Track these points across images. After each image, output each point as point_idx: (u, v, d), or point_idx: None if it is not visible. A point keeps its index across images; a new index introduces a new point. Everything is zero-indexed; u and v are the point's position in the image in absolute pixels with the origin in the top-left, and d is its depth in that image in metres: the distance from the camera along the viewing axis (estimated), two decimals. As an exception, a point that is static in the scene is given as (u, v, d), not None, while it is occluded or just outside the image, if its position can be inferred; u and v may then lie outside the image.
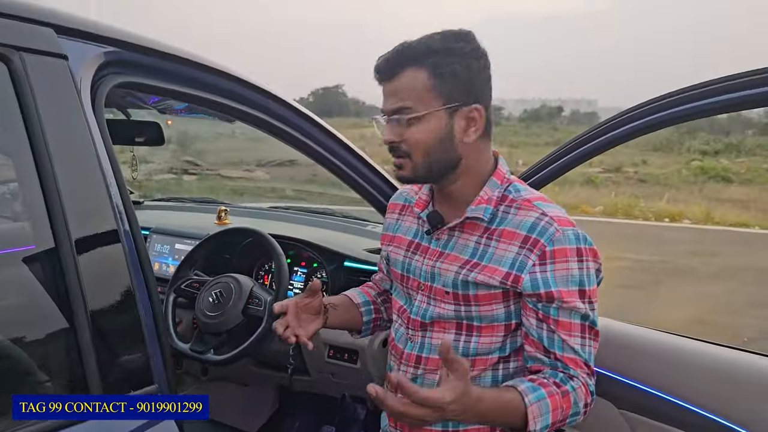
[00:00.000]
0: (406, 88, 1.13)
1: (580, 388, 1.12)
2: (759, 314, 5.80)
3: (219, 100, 1.34)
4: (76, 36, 1.02)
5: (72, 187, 0.93)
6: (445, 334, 1.23)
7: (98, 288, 0.94)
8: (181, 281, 1.87)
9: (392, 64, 1.14)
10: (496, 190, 1.20)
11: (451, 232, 1.23)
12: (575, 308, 1.12)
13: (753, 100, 1.25)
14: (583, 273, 1.13)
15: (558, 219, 1.14)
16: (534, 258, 1.12)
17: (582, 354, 1.14)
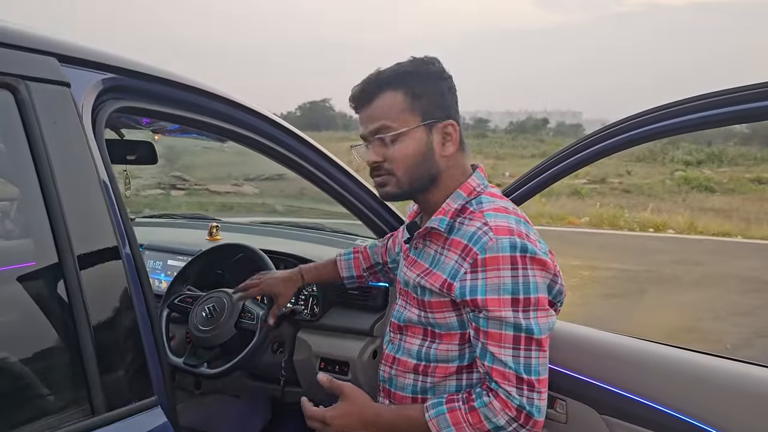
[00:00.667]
0: (383, 109, 1.22)
1: (492, 403, 1.12)
2: (741, 322, 5.89)
3: (212, 121, 1.39)
4: (78, 64, 1.07)
5: (75, 206, 0.98)
6: (414, 338, 1.31)
7: (100, 302, 0.98)
8: (175, 296, 1.90)
9: (368, 90, 1.23)
10: (458, 202, 1.25)
11: (423, 242, 1.31)
12: (503, 318, 1.12)
13: (733, 117, 1.30)
14: (517, 282, 1.12)
15: (496, 228, 1.15)
16: (466, 266, 1.16)
17: (513, 366, 1.12)
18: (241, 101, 1.44)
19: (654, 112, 1.41)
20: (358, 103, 1.24)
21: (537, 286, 1.14)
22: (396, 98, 1.21)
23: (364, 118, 1.24)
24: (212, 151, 15.76)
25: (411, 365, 1.30)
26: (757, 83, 1.24)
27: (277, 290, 1.68)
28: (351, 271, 1.71)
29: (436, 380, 1.27)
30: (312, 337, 1.92)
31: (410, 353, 1.31)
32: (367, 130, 1.24)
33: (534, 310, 1.13)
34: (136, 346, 1.03)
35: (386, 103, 1.21)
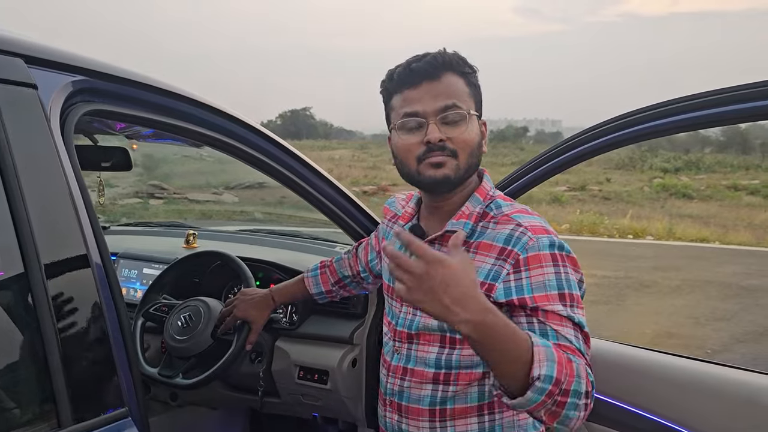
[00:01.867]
0: (450, 88, 1.18)
1: (583, 365, 0.99)
2: (721, 327, 5.96)
3: (186, 126, 1.36)
4: (46, 65, 1.04)
5: (41, 213, 0.95)
6: (430, 346, 1.23)
7: (68, 312, 0.95)
8: (150, 305, 1.86)
9: (435, 66, 1.17)
10: (478, 206, 1.22)
11: (431, 245, 1.23)
12: (556, 311, 1.06)
13: (710, 120, 1.32)
14: (561, 277, 1.10)
15: (532, 228, 1.14)
16: (508, 267, 1.12)
17: (577, 345, 1.04)
18: (216, 105, 1.42)
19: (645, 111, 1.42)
20: (422, 76, 1.17)
21: (576, 283, 1.13)
22: (460, 82, 1.19)
23: (426, 94, 1.17)
24: (191, 159, 15.65)
25: (429, 375, 1.23)
26: (736, 86, 1.25)
27: (251, 316, 1.66)
28: (319, 287, 1.68)
29: (458, 388, 1.21)
30: (291, 346, 1.89)
31: (427, 362, 1.23)
32: (432, 105, 1.16)
33: (577, 306, 1.10)
34: (105, 356, 1.00)
35: (452, 83, 1.18)
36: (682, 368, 1.53)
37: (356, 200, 1.79)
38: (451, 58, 1.19)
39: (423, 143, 1.17)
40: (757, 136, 35.24)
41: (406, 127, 1.19)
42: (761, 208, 15.94)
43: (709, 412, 1.42)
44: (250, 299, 1.67)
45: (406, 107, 1.19)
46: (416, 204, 1.36)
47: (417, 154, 1.18)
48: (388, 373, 1.32)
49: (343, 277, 1.66)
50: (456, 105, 1.17)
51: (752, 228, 13.10)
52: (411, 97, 1.18)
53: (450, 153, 1.17)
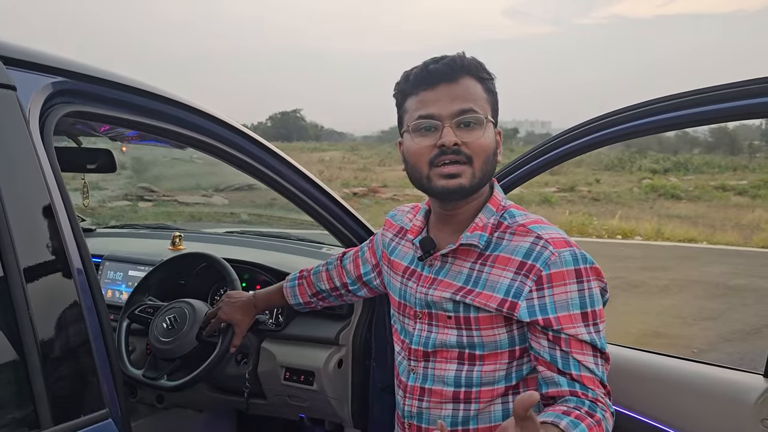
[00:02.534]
0: (468, 92, 1.14)
1: (607, 412, 1.06)
2: (708, 326, 6.01)
3: (169, 127, 1.35)
4: (25, 67, 1.03)
5: (20, 216, 0.94)
6: (448, 364, 1.19)
7: (47, 315, 0.95)
8: (135, 306, 1.86)
9: (454, 68, 1.14)
10: (492, 217, 1.18)
11: (444, 258, 1.20)
12: (578, 335, 1.07)
13: (698, 119, 1.33)
14: (584, 295, 1.09)
15: (553, 241, 1.11)
16: (530, 284, 1.09)
17: (597, 373, 1.08)
18: (199, 107, 1.42)
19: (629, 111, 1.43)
20: (440, 77, 1.13)
21: (598, 297, 1.12)
22: (478, 86, 1.15)
23: (443, 96, 1.13)
24: (181, 162, 15.58)
25: (449, 394, 1.19)
26: (725, 84, 1.27)
27: (235, 319, 1.65)
28: (297, 298, 1.64)
29: (481, 406, 1.18)
30: (276, 347, 1.89)
31: (445, 381, 1.19)
32: (448, 108, 1.12)
33: (599, 323, 1.10)
34: (86, 357, 0.99)
35: (470, 87, 1.14)
36: (669, 367, 1.54)
37: (342, 202, 1.79)
38: (470, 62, 1.15)
39: (436, 146, 1.12)
40: (746, 137, 35.55)
41: (420, 129, 1.15)
42: (749, 208, 16.08)
43: (695, 411, 1.43)
44: (235, 302, 1.66)
45: (422, 109, 1.14)
46: (424, 216, 1.30)
47: (429, 157, 1.14)
48: (405, 394, 1.27)
49: (320, 291, 1.62)
50: (473, 109, 1.13)
51: (740, 228, 13.21)
52: (427, 98, 1.14)
53: (465, 159, 1.12)
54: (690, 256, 9.84)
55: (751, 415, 1.31)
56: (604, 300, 1.17)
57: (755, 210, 15.46)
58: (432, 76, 1.14)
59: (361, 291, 1.57)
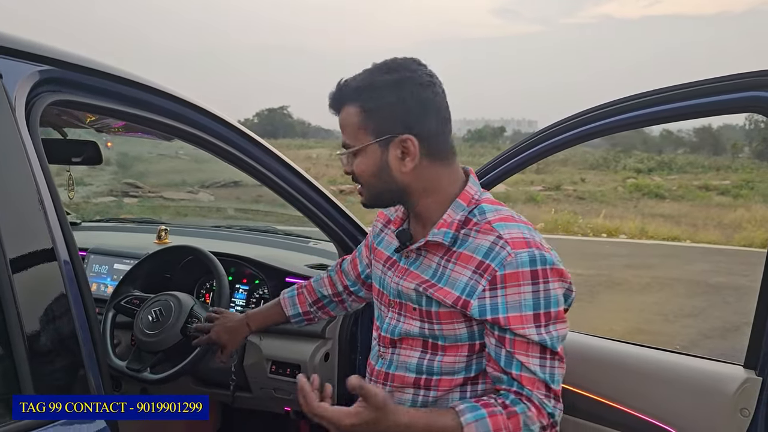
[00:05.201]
0: (345, 124, 1.20)
1: (531, 410, 1.09)
2: (689, 323, 6.08)
3: (156, 118, 1.35)
4: (10, 54, 1.03)
5: (6, 206, 0.94)
6: (413, 351, 1.24)
7: (34, 306, 0.94)
8: (121, 297, 1.85)
9: (335, 101, 1.21)
10: (460, 213, 1.19)
11: (418, 251, 1.24)
12: (527, 336, 1.09)
13: (680, 113, 1.35)
14: (539, 296, 1.10)
15: (512, 242, 1.11)
16: (484, 283, 1.11)
17: (541, 375, 1.10)
18: (187, 98, 1.41)
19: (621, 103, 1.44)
20: (333, 110, 1.23)
21: (557, 298, 1.12)
22: (351, 114, 1.17)
23: (340, 126, 1.22)
24: (167, 158, 15.48)
25: (410, 380, 1.23)
26: (701, 80, 1.29)
27: (223, 341, 1.61)
28: (296, 308, 1.60)
29: (439, 393, 1.21)
30: (262, 340, 1.89)
31: (408, 367, 1.24)
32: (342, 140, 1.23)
33: (554, 323, 1.11)
34: (72, 350, 0.99)
35: (346, 117, 1.19)
36: (649, 358, 1.55)
37: (331, 197, 1.79)
38: (348, 89, 1.18)
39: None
40: (729, 138, 35.90)
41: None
42: (731, 207, 16.27)
43: (675, 401, 1.45)
44: (225, 323, 1.62)
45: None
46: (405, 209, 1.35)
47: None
48: (371, 378, 1.31)
49: (321, 297, 1.59)
50: (346, 144, 1.21)
51: (722, 227, 13.37)
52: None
53: (359, 183, 1.23)
54: (673, 255, 9.95)
55: (730, 404, 1.33)
56: (568, 301, 1.19)
57: (737, 209, 15.65)
58: (331, 108, 1.23)
59: (361, 291, 1.56)
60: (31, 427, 0.91)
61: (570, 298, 1.20)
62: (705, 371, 1.44)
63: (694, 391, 1.42)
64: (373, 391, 1.06)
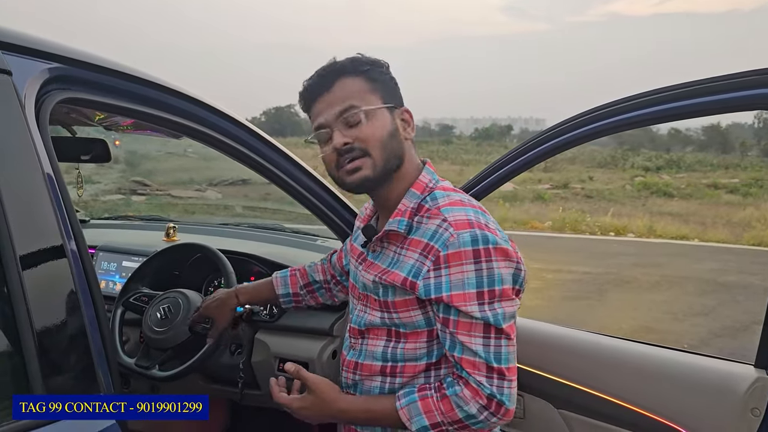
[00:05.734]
0: (347, 92, 1.21)
1: (464, 391, 1.13)
2: (698, 322, 6.05)
3: (165, 116, 1.35)
4: (21, 52, 1.03)
5: (16, 203, 0.94)
6: (378, 340, 1.28)
7: (44, 303, 0.94)
8: (130, 294, 1.86)
9: (327, 77, 1.22)
10: (413, 201, 1.24)
11: (381, 244, 1.28)
12: (470, 313, 1.12)
13: (683, 112, 1.34)
14: (481, 275, 1.12)
15: (455, 223, 1.14)
16: (429, 264, 1.15)
17: (483, 355, 1.12)
18: (195, 96, 1.41)
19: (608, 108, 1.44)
20: (316, 92, 1.23)
21: (502, 276, 1.14)
22: (355, 83, 1.22)
23: (324, 106, 1.22)
24: (174, 156, 15.53)
25: (377, 368, 1.27)
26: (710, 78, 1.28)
27: (212, 314, 1.66)
28: (287, 288, 1.65)
29: (405, 380, 1.25)
30: (270, 338, 1.89)
31: (374, 356, 1.28)
32: (330, 114, 1.20)
33: (499, 301, 1.13)
34: (82, 346, 0.99)
35: (346, 87, 1.21)
36: (660, 358, 1.55)
37: (338, 194, 1.79)
38: (343, 63, 1.23)
39: (333, 151, 1.22)
40: (738, 136, 35.71)
41: (320, 140, 1.25)
42: (740, 206, 16.18)
43: (684, 401, 1.44)
44: (214, 298, 1.66)
45: (315, 122, 1.25)
46: (374, 204, 1.40)
47: (334, 162, 1.23)
48: (343, 367, 1.37)
49: (312, 281, 1.65)
50: (352, 106, 1.20)
51: (731, 226, 13.30)
52: (316, 111, 1.24)
53: (360, 153, 1.20)
54: (681, 253, 9.90)
55: (741, 404, 1.32)
56: (519, 281, 1.20)
57: (746, 208, 15.56)
58: (311, 92, 1.24)
59: (346, 283, 1.60)
60: (32, 427, 0.91)
61: (520, 278, 1.21)
62: (715, 370, 1.43)
63: (704, 391, 1.41)
64: (306, 375, 1.26)
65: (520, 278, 1.20)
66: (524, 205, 15.89)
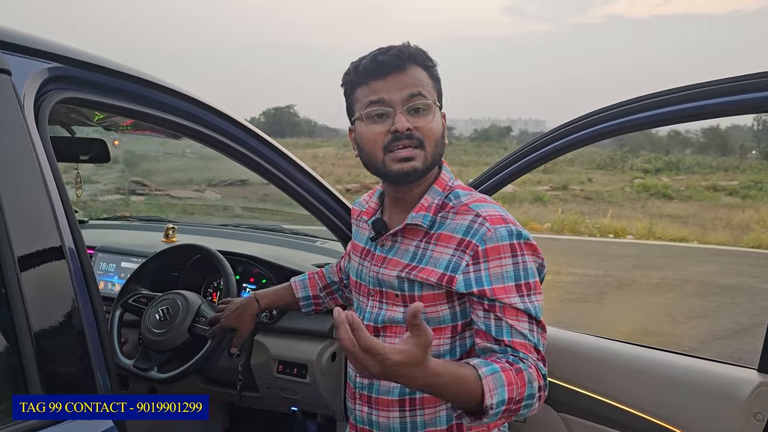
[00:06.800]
0: (416, 79, 1.20)
1: (532, 368, 1.08)
2: (698, 324, 6.04)
3: (164, 116, 1.34)
4: (20, 51, 1.02)
5: (15, 203, 0.93)
6: (397, 338, 1.25)
7: (42, 304, 0.93)
8: (129, 296, 1.85)
9: (402, 58, 1.19)
10: (437, 198, 1.24)
11: (394, 238, 1.27)
12: (513, 305, 1.12)
13: (685, 115, 1.33)
14: (518, 268, 1.14)
15: (490, 218, 1.16)
16: (467, 258, 1.15)
17: (531, 339, 1.12)
18: (195, 96, 1.41)
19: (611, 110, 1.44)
20: (388, 68, 1.18)
21: (533, 270, 1.15)
22: (424, 74, 1.22)
23: (393, 84, 1.18)
24: (173, 156, 15.50)
25: None
26: (714, 80, 1.28)
27: (235, 324, 1.64)
28: (306, 291, 1.66)
29: None
30: (270, 340, 1.89)
31: None
32: (399, 95, 1.18)
33: (535, 294, 1.14)
34: (80, 348, 0.98)
35: (417, 74, 1.20)
36: (663, 362, 1.54)
37: (338, 195, 1.78)
38: (416, 51, 1.21)
39: (389, 132, 1.18)
40: (737, 138, 35.77)
41: (373, 116, 1.20)
42: (739, 208, 16.20)
43: (687, 405, 1.44)
44: (237, 308, 1.64)
45: (372, 96, 1.20)
46: (379, 198, 1.38)
47: (383, 143, 1.19)
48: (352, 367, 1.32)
49: (331, 283, 1.66)
50: (422, 94, 1.19)
51: (730, 228, 13.31)
52: (378, 87, 1.19)
53: (417, 143, 1.19)
54: (681, 255, 9.89)
55: (744, 409, 1.32)
56: (541, 276, 1.20)
57: (745, 210, 15.58)
58: (382, 67, 1.19)
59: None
60: (32, 428, 0.90)
61: (542, 273, 1.22)
62: (718, 375, 1.43)
63: (707, 395, 1.40)
64: (425, 326, 0.91)
65: (542, 273, 1.22)
66: (523, 206, 15.90)
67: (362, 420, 1.32)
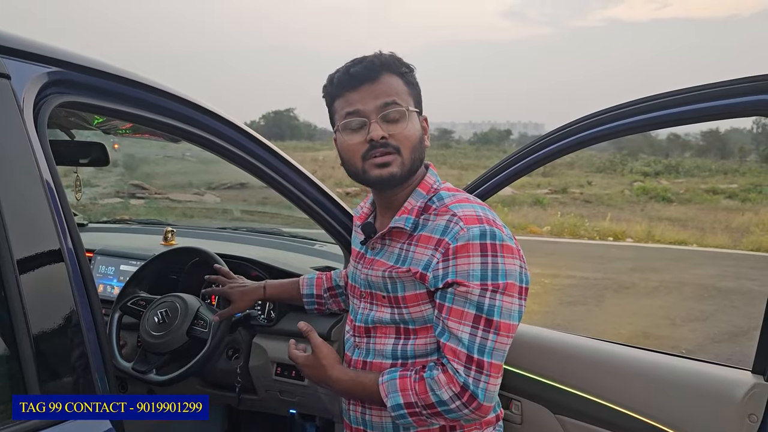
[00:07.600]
0: (389, 88, 1.23)
1: (440, 376, 1.15)
2: (696, 327, 6.04)
3: (164, 120, 1.34)
4: (19, 56, 1.03)
5: (14, 206, 0.94)
6: (386, 338, 1.29)
7: (40, 307, 0.94)
8: (128, 299, 1.85)
9: (373, 68, 1.23)
10: (420, 200, 1.27)
11: (382, 241, 1.31)
12: (468, 294, 1.14)
13: (683, 118, 1.34)
14: (487, 267, 1.14)
15: (465, 218, 1.18)
16: (439, 256, 1.18)
17: (467, 344, 1.14)
18: (194, 100, 1.41)
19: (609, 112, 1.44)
20: (360, 79, 1.22)
21: (506, 271, 1.15)
22: (396, 81, 1.24)
23: (366, 95, 1.22)
24: (173, 159, 15.51)
25: (388, 366, 1.28)
26: (706, 84, 1.29)
27: (234, 297, 1.66)
28: (311, 289, 1.69)
29: None
30: (268, 343, 1.89)
31: (384, 354, 1.29)
32: (372, 105, 1.21)
33: (501, 294, 1.14)
34: (78, 351, 0.99)
35: (389, 83, 1.23)
36: (658, 363, 1.55)
37: (336, 199, 1.79)
38: (388, 59, 1.24)
39: (366, 142, 1.22)
40: (736, 141, 35.78)
41: (350, 127, 1.24)
42: (738, 211, 16.18)
43: (682, 407, 1.44)
44: (243, 283, 1.69)
45: (348, 107, 1.24)
46: (371, 204, 1.42)
47: (361, 152, 1.23)
48: (349, 367, 1.36)
49: (335, 286, 1.68)
50: (396, 102, 1.22)
51: (729, 231, 13.29)
52: (352, 98, 1.23)
53: (393, 150, 1.22)
54: (680, 258, 9.89)
55: (738, 410, 1.32)
56: (525, 280, 1.21)
57: (745, 213, 15.57)
58: (354, 79, 1.23)
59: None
60: (32, 428, 0.91)
61: (527, 276, 1.22)
62: (713, 376, 1.43)
63: (701, 396, 1.41)
64: (314, 337, 1.31)
65: (526, 277, 1.22)
66: (523, 209, 15.90)
67: (356, 420, 1.35)
